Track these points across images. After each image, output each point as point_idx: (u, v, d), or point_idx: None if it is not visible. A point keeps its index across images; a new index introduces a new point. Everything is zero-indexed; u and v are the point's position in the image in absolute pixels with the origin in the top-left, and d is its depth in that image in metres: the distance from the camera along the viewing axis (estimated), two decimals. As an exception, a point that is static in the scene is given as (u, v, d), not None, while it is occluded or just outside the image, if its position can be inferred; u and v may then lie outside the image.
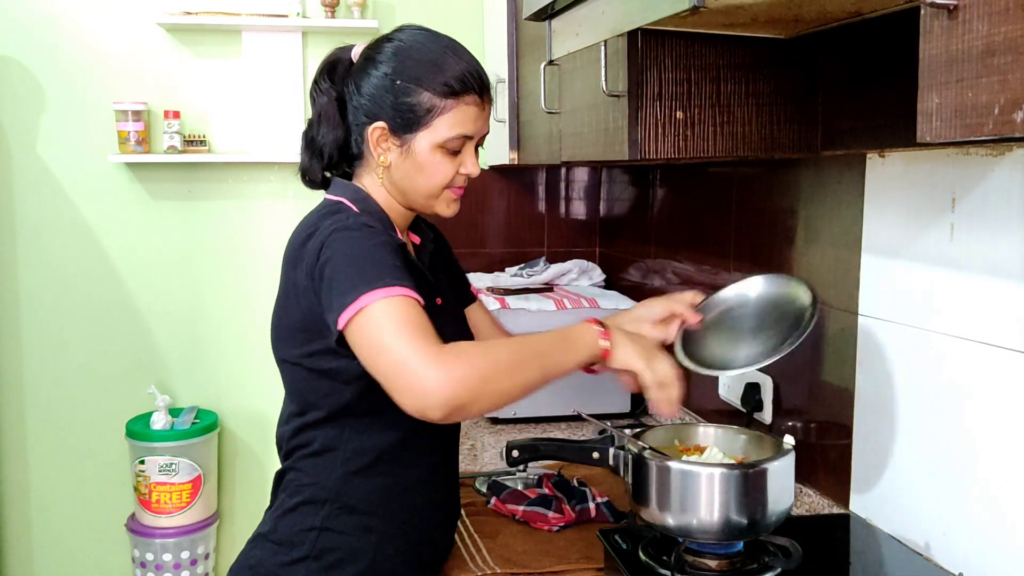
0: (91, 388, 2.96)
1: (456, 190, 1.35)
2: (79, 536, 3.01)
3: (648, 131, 1.44)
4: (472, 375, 1.09)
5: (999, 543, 1.22)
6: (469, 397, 1.09)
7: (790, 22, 1.37)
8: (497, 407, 1.16)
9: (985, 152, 1.23)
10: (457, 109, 1.28)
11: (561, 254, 2.99)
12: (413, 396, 1.09)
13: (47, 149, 2.86)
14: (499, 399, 1.14)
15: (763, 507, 1.23)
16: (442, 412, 1.08)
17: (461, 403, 1.08)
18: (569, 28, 1.57)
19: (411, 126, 1.28)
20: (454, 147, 1.30)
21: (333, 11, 2.84)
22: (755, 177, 1.89)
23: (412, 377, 1.08)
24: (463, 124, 1.29)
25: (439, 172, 1.30)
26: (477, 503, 1.70)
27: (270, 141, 2.93)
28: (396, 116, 1.28)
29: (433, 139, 1.28)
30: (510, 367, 1.15)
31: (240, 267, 2.99)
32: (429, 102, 1.27)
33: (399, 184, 1.33)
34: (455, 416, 1.10)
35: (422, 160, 1.29)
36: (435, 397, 1.07)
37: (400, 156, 1.30)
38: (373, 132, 1.30)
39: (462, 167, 1.32)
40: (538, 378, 1.18)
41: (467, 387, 1.08)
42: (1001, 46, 0.72)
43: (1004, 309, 1.20)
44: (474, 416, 1.16)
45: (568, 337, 1.23)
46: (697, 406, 2.17)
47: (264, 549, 1.31)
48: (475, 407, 1.11)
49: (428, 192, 1.32)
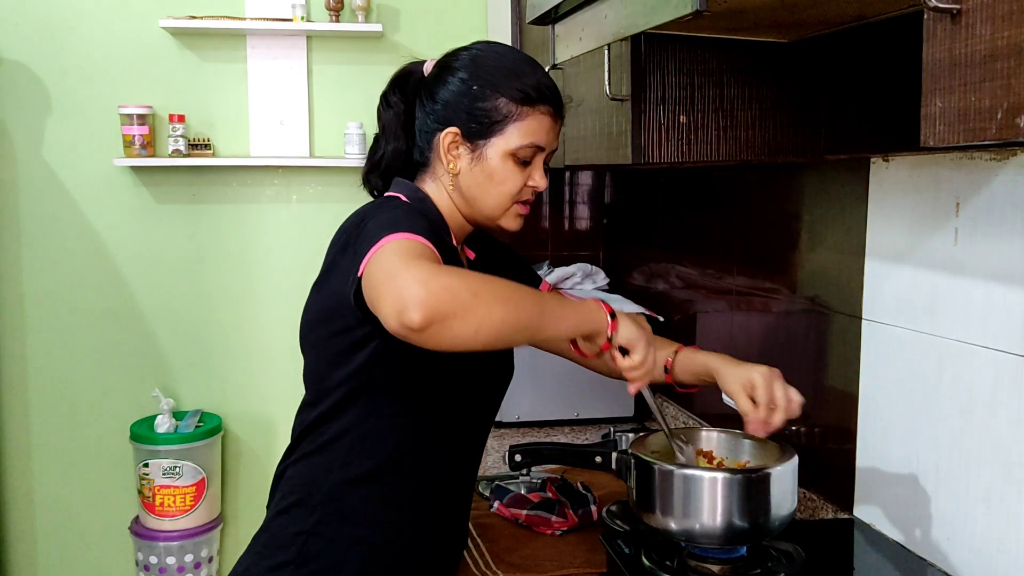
0: (95, 391, 2.97)
1: (523, 205, 1.32)
2: (83, 539, 3.01)
3: (651, 135, 1.44)
4: (460, 287, 1.02)
5: (1003, 548, 1.22)
6: (454, 306, 1.01)
7: (793, 26, 1.37)
8: (487, 335, 1.05)
9: (990, 157, 1.23)
10: (532, 118, 1.27)
11: (565, 258, 2.98)
12: (394, 298, 1.01)
13: (52, 153, 2.87)
14: (486, 321, 1.04)
15: (766, 512, 1.22)
16: (421, 314, 0.99)
17: (444, 311, 1.00)
18: (572, 32, 1.57)
19: (485, 132, 1.27)
20: (525, 156, 1.28)
21: (337, 15, 2.85)
22: (759, 181, 1.89)
23: (397, 281, 1.02)
24: (536, 134, 1.28)
25: (509, 181, 1.28)
26: (480, 507, 1.70)
27: (275, 145, 2.93)
28: (470, 121, 1.27)
29: (506, 146, 1.27)
30: (504, 296, 1.07)
31: (244, 270, 2.99)
32: (505, 108, 1.26)
33: (467, 192, 1.30)
34: (437, 328, 1.01)
35: (493, 167, 1.28)
36: (416, 296, 0.99)
37: (470, 163, 1.29)
38: (445, 137, 1.28)
39: (530, 180, 1.30)
40: (532, 319, 1.11)
41: (453, 296, 1.01)
42: (1004, 50, 0.72)
43: (1008, 314, 1.20)
44: (461, 338, 1.03)
45: (574, 303, 1.19)
46: (701, 410, 2.17)
47: (252, 553, 1.29)
48: (458, 322, 1.01)
49: (496, 203, 1.30)
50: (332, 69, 2.97)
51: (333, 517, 1.25)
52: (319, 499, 1.26)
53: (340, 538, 1.25)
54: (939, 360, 1.33)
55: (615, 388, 2.39)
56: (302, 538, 1.25)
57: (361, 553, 1.25)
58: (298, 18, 2.82)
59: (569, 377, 2.35)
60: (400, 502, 1.27)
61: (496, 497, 1.67)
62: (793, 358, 1.73)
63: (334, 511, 1.25)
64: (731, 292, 2.01)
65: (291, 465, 1.31)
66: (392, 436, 1.26)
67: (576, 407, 2.32)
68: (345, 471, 1.25)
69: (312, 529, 1.25)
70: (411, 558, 1.29)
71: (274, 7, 2.88)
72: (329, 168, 2.95)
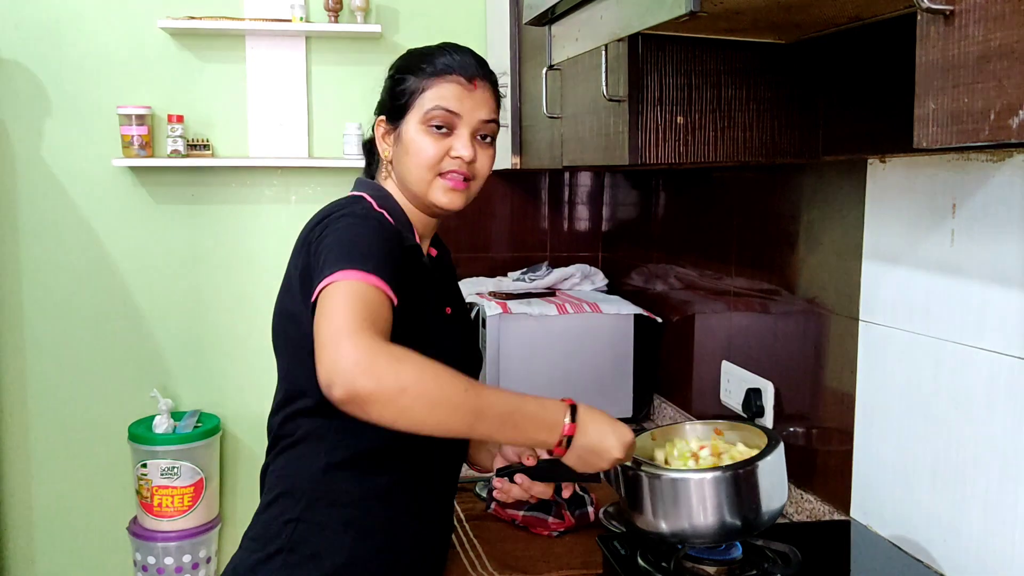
0: (94, 391, 2.96)
1: (452, 178, 1.31)
2: (81, 539, 3.01)
3: (649, 136, 1.44)
4: (391, 378, 1.02)
5: (999, 550, 1.22)
6: (377, 395, 1.01)
7: (790, 27, 1.37)
8: (405, 426, 1.05)
9: (986, 158, 1.23)
10: (438, 86, 1.31)
11: (564, 259, 2.98)
12: (327, 364, 1.03)
13: (51, 153, 2.87)
14: (405, 415, 1.04)
15: (756, 506, 1.21)
16: (342, 391, 1.01)
17: (364, 394, 1.01)
18: (569, 33, 1.57)
19: (402, 111, 1.33)
20: (435, 120, 1.30)
21: (336, 16, 2.85)
22: (756, 182, 1.89)
23: (335, 347, 1.03)
24: (443, 98, 1.30)
25: (424, 151, 1.30)
26: (477, 508, 1.70)
27: (273, 145, 2.93)
28: (392, 107, 1.34)
29: (417, 117, 1.31)
30: (434, 400, 1.04)
31: (243, 271, 2.99)
32: (414, 84, 1.32)
33: (398, 174, 1.34)
34: (355, 405, 1.02)
35: (408, 139, 1.32)
36: (343, 374, 1.01)
37: (396, 145, 1.34)
38: (377, 128, 1.36)
39: (452, 150, 1.31)
40: (460, 428, 1.08)
41: (380, 385, 1.01)
42: (997, 51, 0.72)
43: (1004, 315, 1.20)
44: (379, 422, 1.04)
45: (526, 421, 1.13)
46: (698, 411, 2.17)
47: (243, 549, 1.30)
48: (376, 409, 1.02)
49: (417, 176, 1.31)
50: (331, 70, 2.97)
51: (320, 502, 1.26)
52: (305, 486, 1.27)
53: (329, 522, 1.25)
54: (936, 362, 1.33)
55: (611, 390, 2.39)
56: (291, 525, 1.25)
57: (351, 535, 1.26)
58: (297, 19, 2.82)
59: (565, 379, 2.35)
60: (387, 484, 1.28)
61: (493, 498, 1.67)
62: (790, 359, 1.73)
63: (321, 496, 1.26)
64: (729, 293, 2.01)
65: (272, 461, 1.33)
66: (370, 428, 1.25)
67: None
68: (329, 457, 1.26)
69: (300, 516, 1.25)
70: (401, 539, 1.29)
71: (273, 8, 2.88)
72: (328, 168, 2.95)
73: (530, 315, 2.33)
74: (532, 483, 1.29)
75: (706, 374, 2.12)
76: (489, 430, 1.11)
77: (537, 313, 2.33)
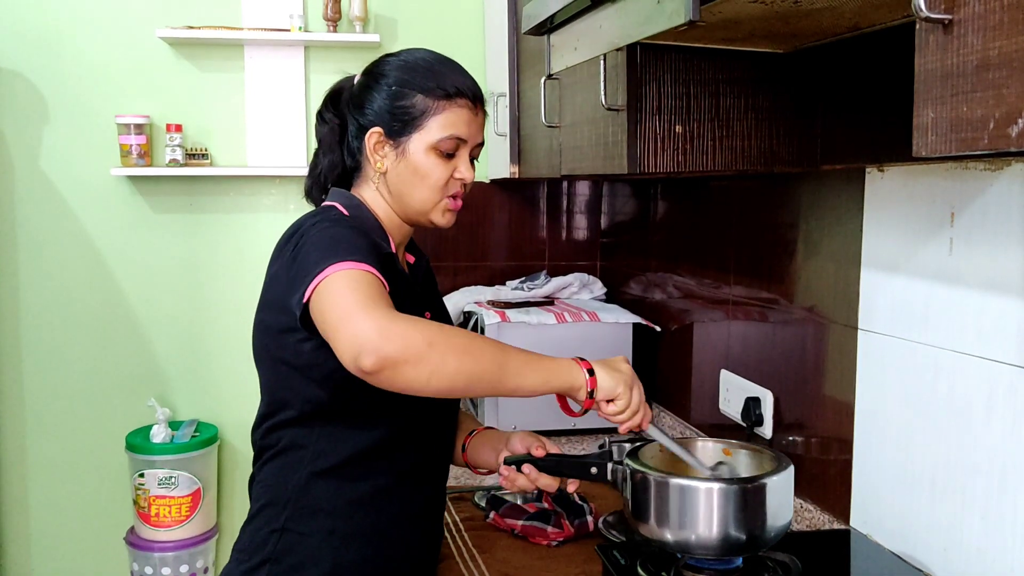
0: (91, 401, 2.96)
1: (452, 201, 1.35)
2: (78, 549, 2.99)
3: (647, 145, 1.44)
4: (416, 336, 1.05)
5: (999, 559, 1.21)
6: (407, 354, 1.04)
7: (788, 37, 1.37)
8: (440, 384, 1.08)
9: (984, 167, 1.23)
10: (450, 111, 1.31)
11: (562, 267, 2.99)
12: (350, 341, 1.04)
13: (49, 162, 2.86)
14: (440, 371, 1.06)
15: (762, 523, 1.22)
16: (372, 360, 1.03)
17: (397, 357, 1.03)
18: (568, 42, 1.58)
19: (406, 129, 1.31)
20: (447, 148, 1.31)
21: (335, 26, 2.85)
22: (755, 191, 1.89)
23: (351, 324, 1.05)
24: (455, 126, 1.31)
25: (433, 174, 1.31)
26: (476, 517, 1.69)
27: (272, 155, 2.93)
28: (392, 120, 1.32)
29: (427, 140, 1.31)
30: (461, 348, 1.09)
31: (241, 280, 2.98)
32: (423, 103, 1.31)
33: (395, 190, 1.34)
34: (387, 371, 1.04)
35: (416, 161, 1.31)
36: (368, 343, 1.03)
37: (396, 160, 1.33)
38: (370, 138, 1.33)
39: (456, 172, 1.33)
40: (491, 373, 1.12)
41: (407, 344, 1.04)
42: (996, 60, 0.72)
43: (1003, 324, 1.20)
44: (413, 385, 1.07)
45: (545, 360, 1.19)
46: (697, 420, 2.17)
47: (231, 561, 1.32)
48: (411, 369, 1.05)
49: (424, 196, 1.33)
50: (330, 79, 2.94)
51: (304, 511, 1.26)
52: (287, 496, 1.27)
53: (312, 531, 1.26)
54: (935, 370, 1.33)
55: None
56: (276, 535, 1.26)
57: (335, 544, 1.26)
58: (296, 28, 2.82)
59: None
60: (370, 491, 1.28)
61: (492, 507, 1.67)
62: (789, 368, 1.73)
63: (304, 505, 1.27)
64: (728, 302, 2.01)
65: (258, 472, 1.34)
66: (353, 437, 1.27)
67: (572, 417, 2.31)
68: (311, 466, 1.27)
69: (284, 525, 1.26)
70: (387, 546, 1.29)
71: (272, 17, 2.89)
72: (326, 178, 2.95)
73: (528, 324, 2.32)
74: (539, 474, 1.33)
75: (705, 383, 2.12)
76: (517, 376, 1.14)
77: (535, 322, 2.33)
